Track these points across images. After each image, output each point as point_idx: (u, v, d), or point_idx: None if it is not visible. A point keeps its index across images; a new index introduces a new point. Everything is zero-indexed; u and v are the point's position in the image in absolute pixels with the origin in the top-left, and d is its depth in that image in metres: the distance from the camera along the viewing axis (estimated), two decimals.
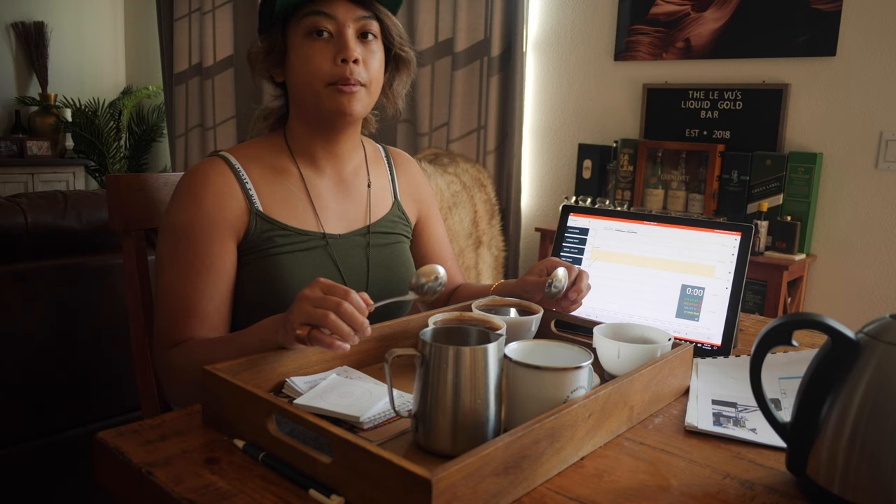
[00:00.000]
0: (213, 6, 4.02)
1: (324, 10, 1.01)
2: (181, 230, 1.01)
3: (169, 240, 1.02)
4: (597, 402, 0.73)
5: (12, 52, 4.44)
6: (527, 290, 1.09)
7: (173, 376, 0.98)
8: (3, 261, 1.43)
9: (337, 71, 1.01)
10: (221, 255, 1.01)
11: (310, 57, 1.01)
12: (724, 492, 0.67)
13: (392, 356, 0.71)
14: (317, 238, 1.09)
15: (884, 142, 2.32)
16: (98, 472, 0.73)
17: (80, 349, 1.53)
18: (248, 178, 1.06)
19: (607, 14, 2.87)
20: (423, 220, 1.27)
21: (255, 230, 1.04)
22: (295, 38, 1.04)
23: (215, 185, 1.03)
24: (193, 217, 1.01)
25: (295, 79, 1.05)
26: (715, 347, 1.07)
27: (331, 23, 1.02)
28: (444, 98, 3.20)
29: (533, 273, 1.09)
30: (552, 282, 1.03)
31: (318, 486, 0.63)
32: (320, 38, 1.02)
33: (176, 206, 1.03)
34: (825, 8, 2.36)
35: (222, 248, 1.02)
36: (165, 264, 1.01)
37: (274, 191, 1.07)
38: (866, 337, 0.64)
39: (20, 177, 4.17)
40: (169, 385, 1.00)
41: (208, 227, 1.01)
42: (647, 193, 2.68)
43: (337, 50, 1.01)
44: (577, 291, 1.05)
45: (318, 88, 1.02)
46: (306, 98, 1.05)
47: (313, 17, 1.01)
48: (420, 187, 1.27)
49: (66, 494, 1.56)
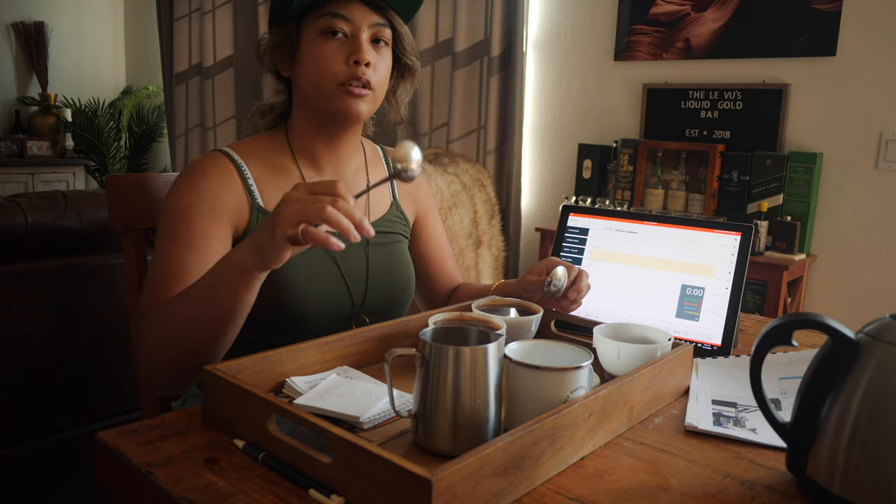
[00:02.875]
0: (213, 6, 4.02)
1: (341, 12, 1.02)
2: (178, 209, 1.00)
3: (165, 220, 1.01)
4: (597, 402, 0.73)
5: (12, 52, 4.44)
6: (527, 290, 1.09)
7: (143, 341, 0.93)
8: (3, 261, 1.43)
9: (348, 71, 1.02)
10: (215, 236, 1.00)
11: (323, 55, 1.02)
12: (724, 492, 0.67)
13: (392, 356, 0.71)
14: None
15: (884, 142, 2.32)
16: (98, 472, 0.73)
17: (80, 349, 1.53)
18: (249, 174, 1.06)
19: (607, 14, 2.87)
20: (421, 219, 1.28)
21: (256, 225, 1.04)
22: (309, 36, 1.04)
23: (217, 175, 1.03)
24: (191, 198, 1.01)
25: (305, 76, 1.05)
26: (715, 347, 1.07)
27: (346, 25, 1.02)
28: (444, 98, 3.20)
29: (533, 273, 1.09)
30: (551, 280, 1.03)
31: (318, 486, 0.63)
32: (335, 38, 1.02)
33: (175, 191, 1.03)
34: (825, 8, 2.36)
35: (217, 229, 1.01)
36: (158, 242, 1.00)
37: (274, 187, 1.08)
38: (866, 337, 0.64)
39: (20, 177, 4.17)
40: (140, 353, 0.94)
41: (206, 208, 1.00)
42: (647, 193, 2.68)
43: (350, 51, 1.02)
44: (576, 291, 1.05)
45: (329, 88, 1.03)
46: (314, 96, 1.05)
47: (330, 17, 1.02)
48: (418, 187, 1.28)
49: (66, 494, 1.56)
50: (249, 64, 3.94)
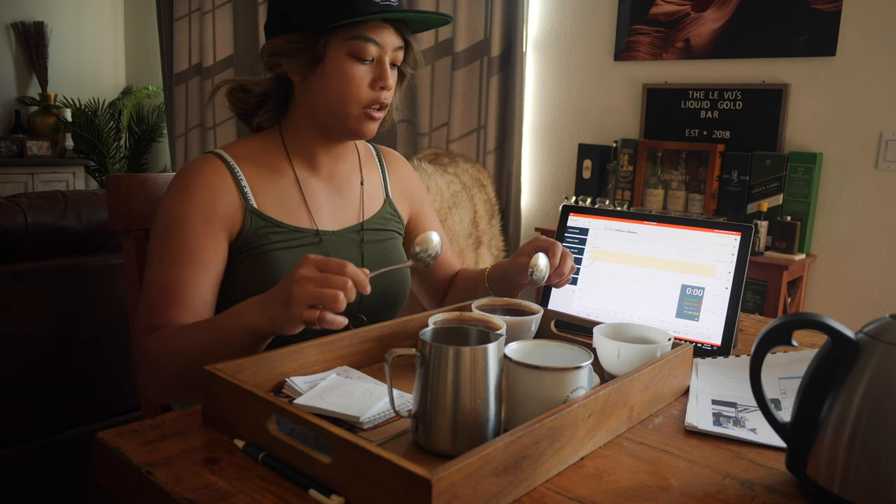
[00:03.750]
0: (213, 6, 4.02)
1: (373, 37, 1.02)
2: (172, 221, 1.01)
3: (159, 231, 1.01)
4: (597, 402, 0.73)
5: (12, 52, 4.44)
6: (517, 272, 1.11)
7: (147, 362, 0.94)
8: (3, 261, 1.43)
9: (373, 96, 1.05)
10: (210, 247, 1.01)
11: (351, 78, 1.03)
12: (724, 492, 0.67)
13: (392, 356, 0.71)
14: (310, 235, 1.10)
15: (884, 142, 2.32)
16: (98, 472, 0.73)
17: (80, 349, 1.53)
18: (243, 176, 1.06)
19: (607, 14, 2.87)
20: (415, 215, 1.29)
21: (250, 227, 1.05)
22: (337, 53, 1.03)
23: (210, 180, 1.03)
24: (185, 209, 1.01)
25: (326, 90, 1.04)
26: (715, 347, 1.07)
27: (376, 50, 1.04)
28: (444, 98, 3.20)
29: (522, 254, 1.10)
30: (532, 271, 1.04)
31: (318, 486, 0.63)
32: (363, 63, 1.04)
33: (168, 200, 1.03)
34: (825, 8, 2.36)
35: (212, 240, 1.01)
36: (153, 254, 1.01)
37: (268, 189, 1.08)
38: (866, 337, 0.64)
39: (20, 177, 4.17)
40: (143, 372, 0.96)
41: (199, 219, 1.01)
42: (647, 193, 2.68)
43: (376, 76, 1.05)
44: (559, 276, 1.08)
45: (352, 110, 1.05)
46: (332, 114, 1.06)
47: (363, 42, 1.02)
48: (411, 184, 1.29)
49: (66, 494, 1.55)
50: (249, 64, 3.94)
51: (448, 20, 1.10)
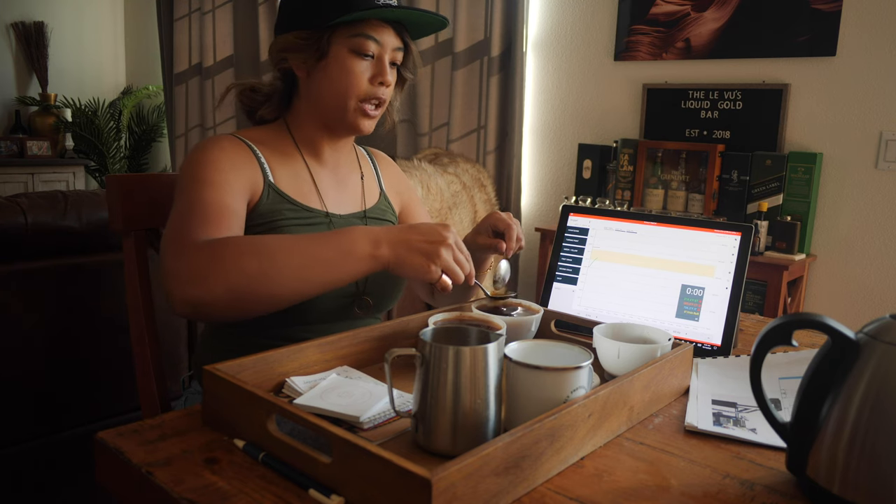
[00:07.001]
0: (213, 6, 4.02)
1: (374, 35, 1.09)
2: (203, 163, 1.04)
3: (189, 170, 1.04)
4: (597, 402, 0.73)
5: (12, 52, 4.44)
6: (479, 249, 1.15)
7: (216, 264, 0.88)
8: (3, 261, 1.43)
9: (370, 90, 1.11)
10: (239, 191, 1.04)
11: (352, 72, 1.09)
12: (724, 492, 0.67)
13: (392, 356, 0.71)
14: (321, 216, 1.14)
15: (884, 142, 2.32)
16: (98, 473, 0.73)
17: (80, 349, 1.53)
18: (261, 154, 1.12)
19: (607, 14, 2.87)
20: (405, 208, 1.36)
21: (268, 200, 1.09)
22: (339, 49, 1.09)
23: (233, 151, 1.08)
24: (216, 156, 1.05)
25: (327, 84, 1.10)
26: (715, 347, 1.07)
27: (376, 47, 1.10)
28: (444, 98, 3.20)
29: (480, 233, 1.16)
30: (496, 278, 1.12)
31: (318, 486, 0.63)
32: (364, 58, 1.10)
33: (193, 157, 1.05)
34: (825, 8, 2.36)
35: (239, 185, 1.05)
36: (183, 193, 1.01)
37: (282, 169, 1.14)
38: (866, 337, 0.64)
39: (20, 177, 4.17)
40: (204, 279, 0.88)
41: (227, 165, 1.05)
42: (647, 193, 2.68)
43: (376, 72, 1.11)
44: (509, 250, 1.13)
45: (350, 103, 1.10)
46: (332, 106, 1.12)
47: (364, 39, 1.09)
48: (400, 180, 1.37)
49: (66, 494, 1.56)
50: (249, 64, 3.94)
51: (445, 23, 1.16)
